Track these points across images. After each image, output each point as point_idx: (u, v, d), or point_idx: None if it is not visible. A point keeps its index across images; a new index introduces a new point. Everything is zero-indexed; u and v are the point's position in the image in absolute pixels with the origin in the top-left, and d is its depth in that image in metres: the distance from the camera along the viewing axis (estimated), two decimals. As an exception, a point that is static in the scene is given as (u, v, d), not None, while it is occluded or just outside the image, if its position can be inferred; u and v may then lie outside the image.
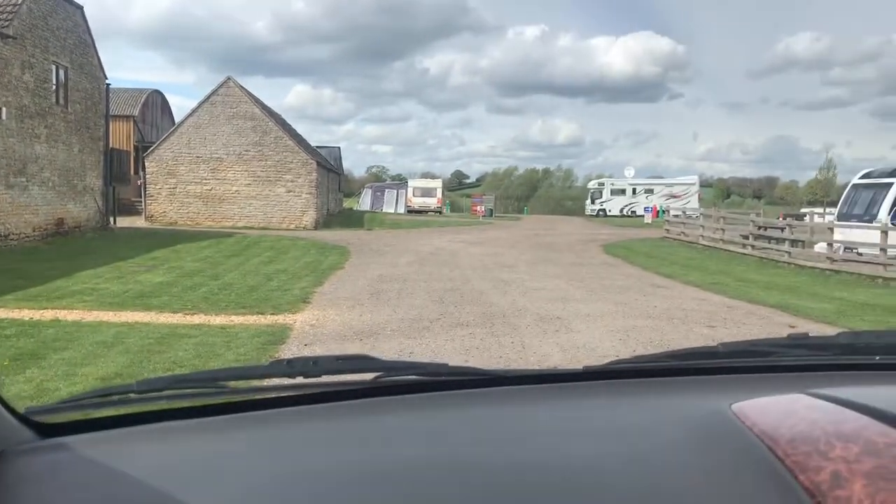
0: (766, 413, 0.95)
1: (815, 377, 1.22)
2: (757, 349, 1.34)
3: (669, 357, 1.31)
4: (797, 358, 1.31)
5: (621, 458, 0.89)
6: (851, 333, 1.45)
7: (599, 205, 58.31)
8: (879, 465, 0.76)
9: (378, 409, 1.08)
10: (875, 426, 0.84)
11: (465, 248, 24.21)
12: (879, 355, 1.31)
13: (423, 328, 9.55)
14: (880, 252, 17.19)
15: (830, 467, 0.78)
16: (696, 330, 9.97)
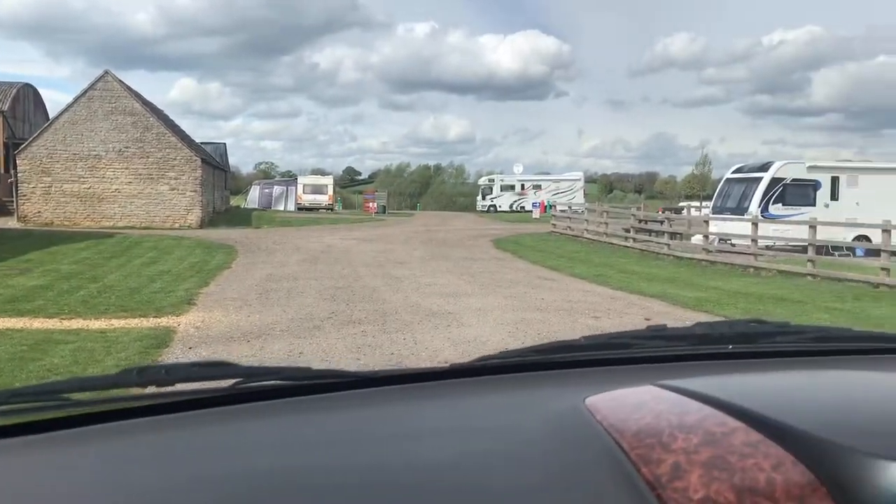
0: (616, 406, 0.96)
1: (672, 368, 1.26)
2: (617, 341, 1.38)
3: (534, 352, 1.33)
4: (655, 349, 1.34)
5: (480, 456, 0.88)
6: (706, 324, 1.50)
7: (490, 201, 59.17)
8: (715, 455, 0.78)
9: (235, 418, 1.04)
10: (716, 416, 0.86)
11: (357, 245, 24.07)
12: (732, 344, 1.37)
13: (314, 327, 9.44)
14: (751, 243, 18.19)
15: (671, 459, 0.79)
16: (582, 321, 10.28)
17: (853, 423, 0.83)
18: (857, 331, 1.57)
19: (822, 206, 22.03)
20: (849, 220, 19.30)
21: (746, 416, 0.84)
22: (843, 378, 1.10)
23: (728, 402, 0.88)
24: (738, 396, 0.91)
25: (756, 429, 0.81)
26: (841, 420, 0.84)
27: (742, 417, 0.84)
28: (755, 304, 12.17)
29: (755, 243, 18.15)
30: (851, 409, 0.89)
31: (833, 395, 0.97)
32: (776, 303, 12.44)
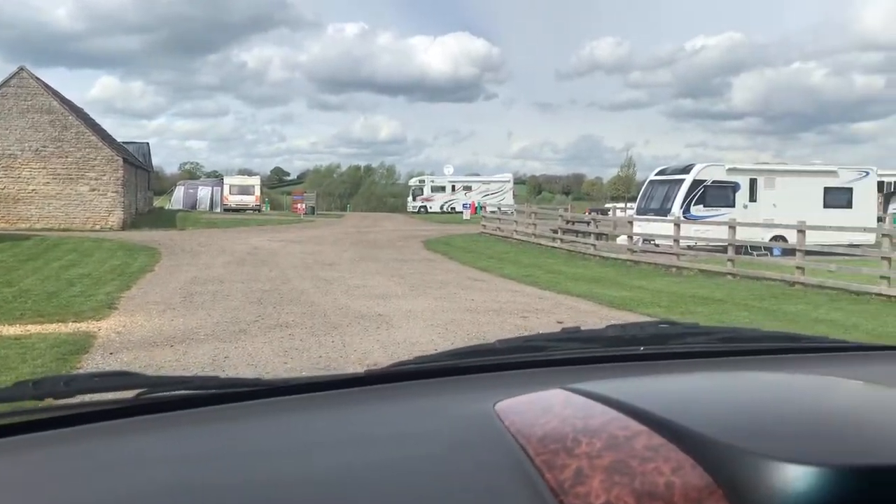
0: (524, 411, 0.96)
1: (585, 370, 1.28)
2: (532, 344, 1.39)
3: (449, 356, 1.33)
4: (568, 352, 1.36)
5: (386, 466, 0.88)
6: (619, 326, 1.53)
7: (421, 202, 59.21)
8: (617, 460, 0.79)
9: (139, 430, 1.00)
10: (620, 420, 0.87)
11: (286, 246, 23.75)
12: (644, 346, 1.40)
13: (240, 331, 9.27)
14: (674, 243, 18.69)
15: (575, 464, 0.79)
16: (511, 321, 10.38)
17: (751, 424, 0.85)
18: (764, 331, 1.62)
19: (741, 208, 22.78)
20: (766, 220, 20.02)
21: (649, 419, 0.85)
22: (746, 379, 1.13)
23: (632, 406, 0.89)
24: (643, 399, 0.92)
25: (658, 432, 0.82)
26: (740, 422, 0.85)
27: (645, 421, 0.85)
28: (678, 303, 12.49)
29: (677, 243, 18.65)
30: (750, 411, 0.91)
31: (734, 396, 0.99)
32: (698, 301, 12.80)
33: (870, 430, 0.84)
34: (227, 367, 7.36)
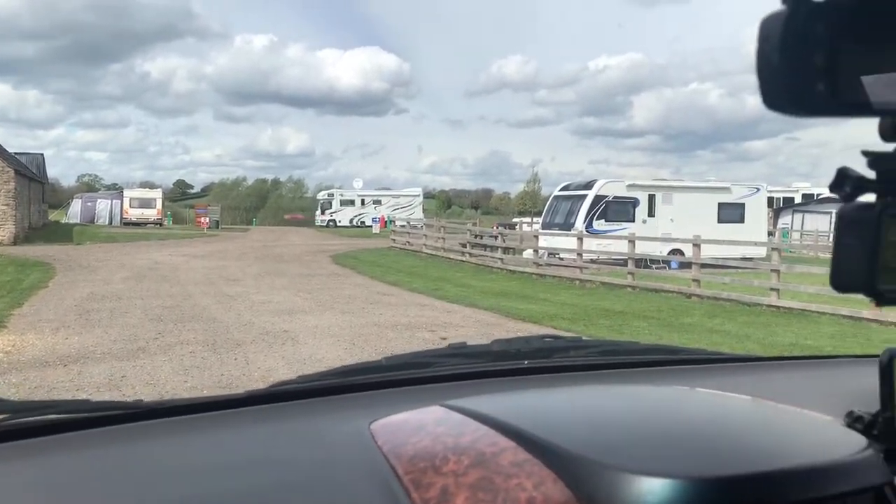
0: (398, 430, 0.97)
1: (470, 386, 1.29)
2: (417, 360, 1.41)
3: (336, 375, 1.34)
4: (454, 367, 1.38)
5: (257, 491, 0.87)
6: (504, 340, 1.56)
7: (330, 215, 58.68)
8: (483, 477, 0.80)
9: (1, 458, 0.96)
10: (489, 436, 0.88)
11: (188, 261, 23.10)
12: (528, 360, 1.44)
13: (139, 349, 8.97)
14: (577, 257, 19.15)
15: (441, 482, 0.80)
16: (419, 335, 10.40)
17: (612, 439, 0.88)
18: (643, 345, 1.69)
19: (641, 222, 23.55)
20: (664, 234, 20.77)
21: (517, 435, 0.87)
22: (615, 393, 1.17)
23: (502, 422, 0.90)
24: (514, 415, 0.94)
25: (525, 448, 0.84)
26: (601, 436, 0.89)
27: (513, 436, 0.87)
28: (581, 315, 12.79)
29: (581, 257, 19.13)
30: (613, 425, 0.95)
31: (601, 411, 1.03)
32: (600, 313, 13.14)
33: (724, 442, 0.90)
34: (125, 387, 7.10)
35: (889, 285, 0.67)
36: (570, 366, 1.45)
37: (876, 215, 0.66)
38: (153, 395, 6.66)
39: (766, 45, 0.54)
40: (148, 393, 6.90)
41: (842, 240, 0.68)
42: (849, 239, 0.67)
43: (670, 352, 1.66)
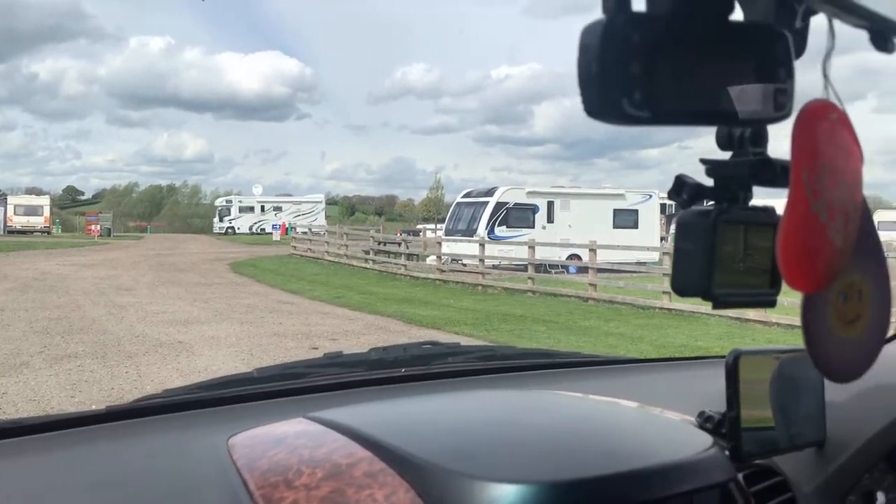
0: (256, 444, 0.95)
1: (344, 395, 1.27)
2: (291, 371, 1.37)
3: (203, 388, 1.29)
4: (329, 377, 1.36)
5: None
6: (381, 349, 1.55)
7: (228, 222, 57.28)
8: (335, 489, 0.80)
9: None
10: (347, 447, 0.88)
11: (77, 271, 22.07)
12: (405, 368, 1.43)
13: (22, 364, 8.48)
14: (480, 263, 19.37)
15: (292, 497, 0.79)
16: (320, 343, 10.25)
17: (466, 445, 0.89)
18: (521, 349, 1.72)
19: (540, 228, 24.02)
20: (563, 240, 21.26)
21: (374, 445, 0.87)
22: (483, 399, 1.18)
23: (362, 432, 0.90)
24: (376, 425, 0.93)
25: (381, 458, 0.84)
26: (456, 443, 0.90)
27: (371, 447, 0.87)
28: (483, 320, 12.93)
29: (483, 263, 19.35)
30: (474, 431, 0.96)
31: (466, 417, 1.04)
32: (501, 318, 13.31)
33: (577, 445, 0.92)
34: (5, 405, 6.70)
35: (723, 289, 0.68)
36: (447, 372, 1.44)
37: (711, 221, 0.68)
38: (36, 412, 6.31)
39: (585, 54, 0.55)
40: (31, 410, 6.55)
41: (680, 245, 0.69)
42: (686, 244, 0.69)
43: (548, 355, 1.69)
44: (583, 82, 0.56)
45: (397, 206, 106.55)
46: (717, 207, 0.71)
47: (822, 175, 0.61)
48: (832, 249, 0.62)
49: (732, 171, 0.72)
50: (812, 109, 0.62)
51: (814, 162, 0.61)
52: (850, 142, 0.64)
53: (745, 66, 0.60)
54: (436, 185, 67.87)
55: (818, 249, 0.61)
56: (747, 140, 0.72)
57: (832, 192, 0.62)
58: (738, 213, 0.72)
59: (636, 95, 0.55)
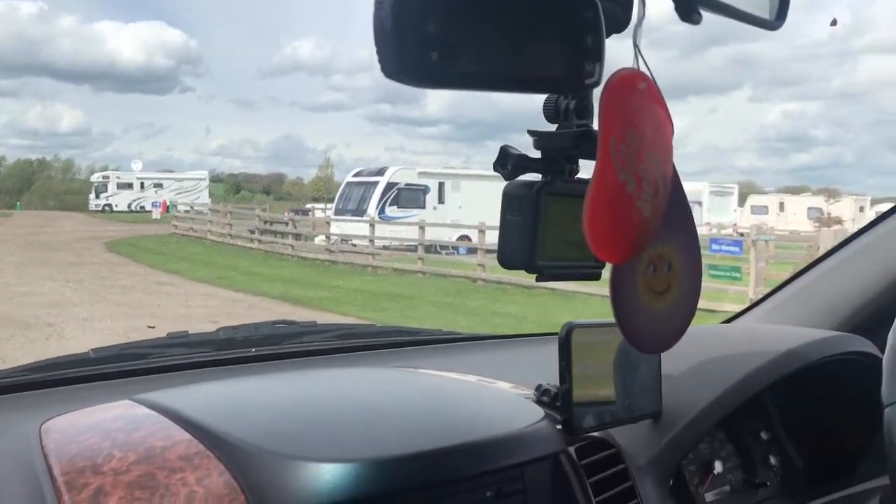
0: (69, 428, 0.90)
1: (188, 376, 1.23)
2: (131, 352, 1.31)
3: (31, 370, 1.21)
4: (174, 357, 1.30)
5: None
6: (231, 328, 1.50)
7: (105, 199, 54.60)
8: (145, 473, 0.76)
9: None
10: (166, 430, 0.84)
11: (-65, 250, 20.59)
12: (256, 348, 1.39)
13: None
14: (370, 243, 19.26)
15: (97, 482, 0.75)
16: (200, 327, 9.85)
17: (293, 425, 0.87)
18: (380, 327, 1.70)
19: (431, 209, 24.10)
20: (453, 221, 21.40)
21: (195, 427, 0.84)
22: (318, 379, 1.16)
23: (184, 414, 0.87)
24: (202, 407, 0.90)
25: (200, 440, 0.81)
26: (284, 423, 0.88)
27: (191, 429, 0.84)
28: (371, 301, 12.89)
29: (373, 243, 19.26)
30: (301, 411, 0.94)
31: (296, 396, 1.02)
32: (390, 299, 13.31)
33: (408, 421, 0.91)
34: None
35: (546, 261, 0.69)
36: (301, 352, 1.41)
37: (535, 193, 0.67)
38: None
39: (381, 13, 0.52)
40: None
41: (506, 217, 0.69)
42: (512, 216, 0.68)
43: (409, 333, 1.68)
44: (378, 40, 0.53)
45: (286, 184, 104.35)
46: (543, 180, 0.71)
47: (631, 145, 0.61)
48: (640, 220, 0.62)
49: (557, 143, 0.71)
50: (620, 78, 0.61)
51: (621, 131, 0.61)
52: (661, 113, 0.64)
53: (551, 31, 0.58)
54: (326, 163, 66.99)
55: (625, 220, 0.61)
56: (572, 112, 0.71)
57: (641, 163, 0.62)
58: (562, 186, 0.71)
59: (433, 56, 0.52)
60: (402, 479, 0.78)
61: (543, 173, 0.71)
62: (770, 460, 1.38)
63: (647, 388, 1.06)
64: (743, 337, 1.44)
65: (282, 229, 23.39)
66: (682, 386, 1.14)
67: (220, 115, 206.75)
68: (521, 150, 0.73)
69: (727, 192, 33.80)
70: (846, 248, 1.65)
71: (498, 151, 0.72)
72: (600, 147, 0.60)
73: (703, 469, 1.28)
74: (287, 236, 22.30)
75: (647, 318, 0.68)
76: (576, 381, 0.94)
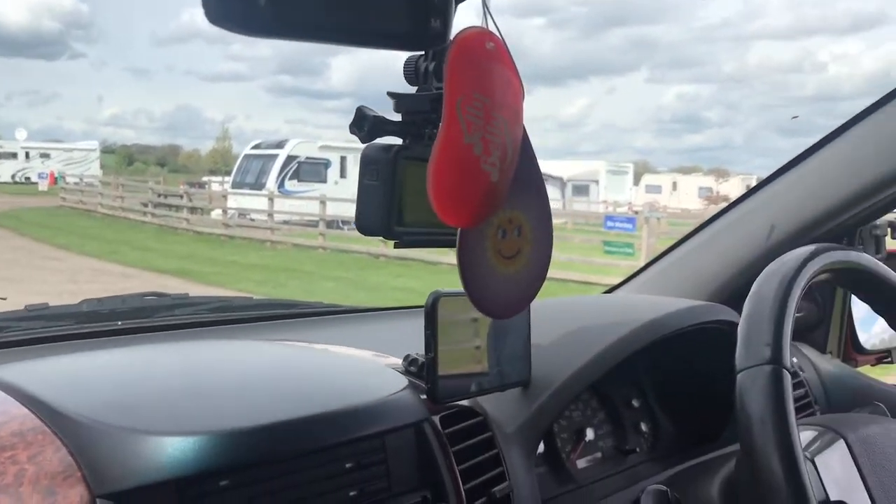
0: None
1: (49, 349, 1.16)
2: None
3: None
4: (31, 331, 1.24)
5: None
6: (95, 300, 1.44)
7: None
8: None
9: None
10: (2, 405, 0.80)
11: None
12: (123, 321, 1.33)
13: None
14: (268, 218, 18.88)
15: None
16: (88, 303, 9.55)
17: (138, 398, 0.84)
18: (257, 300, 1.66)
19: (333, 184, 23.80)
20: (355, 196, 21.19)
21: (34, 401, 0.79)
22: (176, 351, 1.12)
23: (24, 389, 0.82)
24: (45, 381, 0.85)
25: (39, 415, 0.77)
26: (128, 396, 0.84)
27: (30, 404, 0.79)
28: (270, 277, 12.67)
29: (272, 218, 18.88)
30: (149, 383, 0.90)
31: (146, 369, 0.98)
32: (289, 274, 13.11)
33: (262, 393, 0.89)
34: None
35: (405, 227, 0.67)
36: (171, 325, 1.36)
37: (392, 157, 0.66)
38: None
39: None
40: None
41: (364, 181, 0.67)
42: (370, 180, 0.67)
43: (285, 306, 1.65)
44: None
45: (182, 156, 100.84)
46: (401, 144, 0.69)
47: (477, 107, 0.60)
48: (487, 184, 0.61)
49: (416, 106, 0.70)
50: (467, 37, 0.60)
51: (468, 92, 0.59)
52: (509, 75, 0.63)
53: None
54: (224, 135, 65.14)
55: (472, 183, 0.60)
56: (432, 74, 0.70)
57: (489, 125, 0.60)
58: (421, 150, 0.69)
59: (261, 2, 0.50)
60: (251, 451, 0.75)
61: (402, 136, 0.70)
62: (641, 427, 1.42)
63: (517, 357, 1.06)
64: (616, 306, 1.47)
65: (176, 203, 22.63)
66: (553, 354, 1.16)
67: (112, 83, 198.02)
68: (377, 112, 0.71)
69: (623, 171, 34.78)
70: (717, 222, 1.71)
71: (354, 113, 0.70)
72: (445, 108, 0.59)
73: (575, 437, 1.30)
74: (182, 210, 21.60)
75: (496, 283, 0.67)
76: (443, 350, 0.93)
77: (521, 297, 0.70)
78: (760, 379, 0.86)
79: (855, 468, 0.93)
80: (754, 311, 0.92)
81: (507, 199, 0.65)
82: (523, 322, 1.07)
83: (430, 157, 0.59)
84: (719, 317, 1.32)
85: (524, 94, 0.64)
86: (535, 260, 0.70)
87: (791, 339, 1.76)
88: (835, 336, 1.72)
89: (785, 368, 0.87)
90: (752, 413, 0.86)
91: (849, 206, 1.50)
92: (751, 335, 0.90)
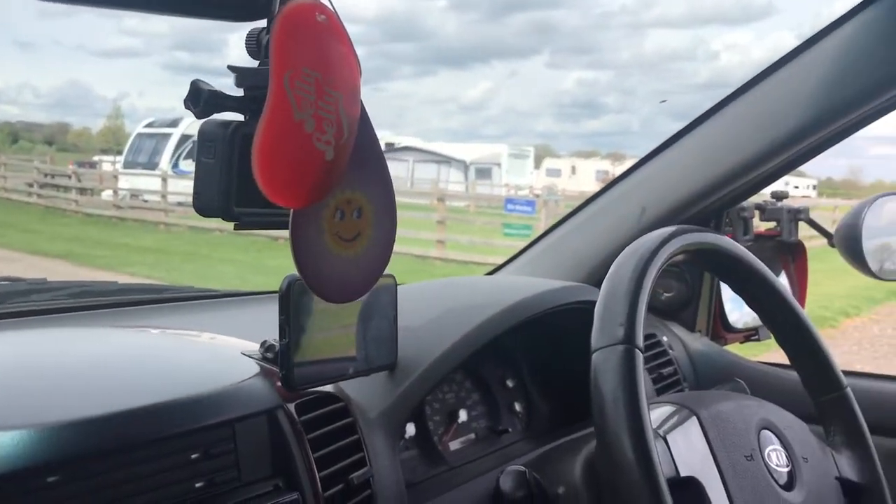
0: None
1: None
2: None
3: None
4: None
5: None
6: None
7: None
8: None
9: None
10: None
11: None
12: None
13: None
14: (162, 199, 18.23)
15: None
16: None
17: None
18: (121, 284, 1.59)
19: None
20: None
21: None
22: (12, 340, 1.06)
23: None
24: None
25: None
26: None
27: None
28: (162, 260, 12.28)
29: (166, 199, 18.25)
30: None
31: None
32: (184, 257, 12.73)
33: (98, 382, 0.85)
34: None
35: (243, 208, 0.65)
36: (25, 311, 1.28)
37: (230, 133, 0.63)
38: None
39: None
40: None
41: (200, 159, 0.64)
42: (206, 158, 0.64)
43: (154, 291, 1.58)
44: None
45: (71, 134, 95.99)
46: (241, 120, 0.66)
47: (308, 82, 0.57)
48: (321, 163, 0.59)
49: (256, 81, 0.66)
50: (294, 10, 0.57)
51: (296, 66, 0.57)
52: (343, 49, 0.60)
53: None
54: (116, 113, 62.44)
55: (303, 162, 0.58)
56: None
57: (320, 101, 0.58)
58: None
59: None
60: (80, 444, 0.71)
61: (243, 112, 0.66)
62: (515, 407, 1.43)
63: (382, 340, 1.04)
64: (491, 288, 1.48)
65: (65, 183, 21.57)
66: (421, 337, 1.15)
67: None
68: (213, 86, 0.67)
69: (524, 154, 35.30)
70: (594, 204, 1.74)
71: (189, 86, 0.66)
72: (273, 83, 0.56)
73: (447, 419, 1.30)
74: (70, 191, 20.61)
75: (334, 266, 0.65)
76: (300, 336, 0.91)
77: (361, 280, 0.68)
78: (613, 359, 0.88)
79: (706, 445, 0.95)
80: (610, 291, 0.94)
81: (344, 178, 0.62)
82: (389, 304, 1.05)
83: (255, 133, 0.56)
84: (587, 297, 1.35)
85: (360, 70, 0.62)
86: (376, 243, 0.68)
87: (663, 318, 1.82)
88: (703, 315, 1.78)
89: (637, 348, 0.89)
90: (605, 392, 0.87)
91: (714, 189, 1.55)
92: (605, 316, 0.91)
